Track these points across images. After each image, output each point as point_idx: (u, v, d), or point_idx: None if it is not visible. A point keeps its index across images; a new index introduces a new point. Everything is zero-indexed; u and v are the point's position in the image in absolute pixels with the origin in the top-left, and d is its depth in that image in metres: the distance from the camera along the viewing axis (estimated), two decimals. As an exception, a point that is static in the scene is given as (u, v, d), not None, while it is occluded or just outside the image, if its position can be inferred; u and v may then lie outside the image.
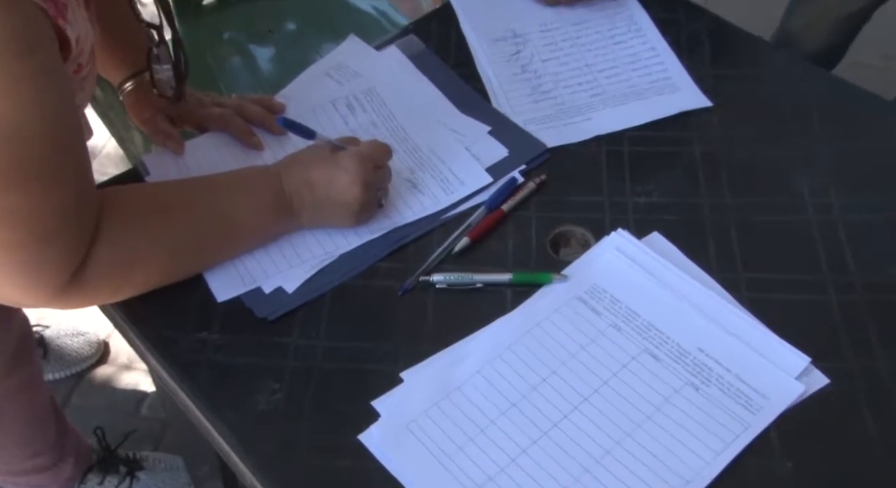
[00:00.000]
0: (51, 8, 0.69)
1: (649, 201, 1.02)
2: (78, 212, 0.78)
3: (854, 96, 1.12)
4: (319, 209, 0.94)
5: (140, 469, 1.53)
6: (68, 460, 1.43)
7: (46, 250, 0.76)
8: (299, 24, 1.67)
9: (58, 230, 0.76)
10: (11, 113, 0.68)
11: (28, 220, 0.74)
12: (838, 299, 0.92)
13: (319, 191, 0.92)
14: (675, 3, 1.24)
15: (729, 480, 0.80)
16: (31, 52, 0.67)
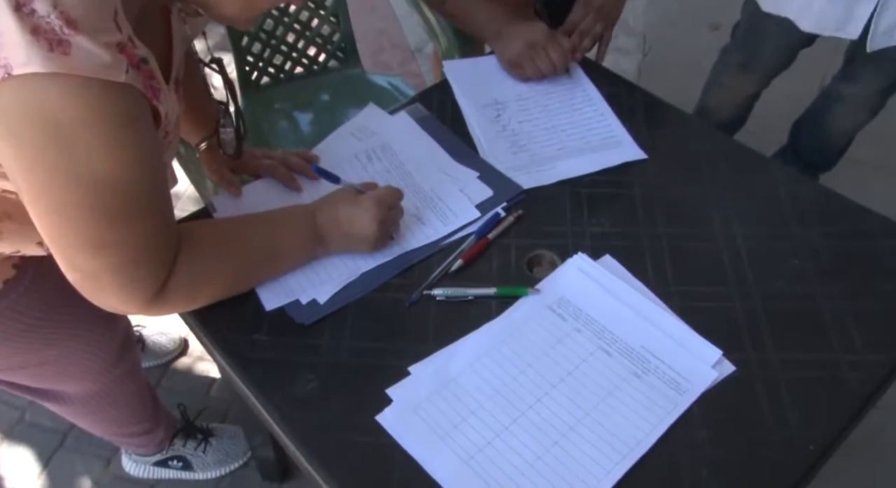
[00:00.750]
0: (148, 91, 0.68)
1: (602, 231, 0.99)
2: (163, 242, 0.76)
3: (747, 154, 1.10)
4: (344, 240, 0.92)
5: (211, 436, 1.50)
6: (160, 427, 1.41)
7: (139, 271, 0.75)
8: (332, 96, 1.63)
9: (148, 256, 0.75)
10: (119, 169, 0.67)
11: (127, 248, 0.73)
12: (741, 306, 0.91)
13: (344, 227, 0.90)
14: (617, 80, 1.22)
15: (662, 446, 0.79)
16: (132, 122, 0.67)
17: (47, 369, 1.05)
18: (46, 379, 1.10)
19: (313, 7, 1.58)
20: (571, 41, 1.19)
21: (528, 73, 1.16)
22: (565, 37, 1.17)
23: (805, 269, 0.95)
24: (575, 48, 1.19)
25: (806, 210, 1.01)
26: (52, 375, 1.08)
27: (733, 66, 1.72)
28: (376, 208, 0.90)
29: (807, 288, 0.93)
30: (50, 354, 1.02)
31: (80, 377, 1.12)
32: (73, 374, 1.10)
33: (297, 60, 1.64)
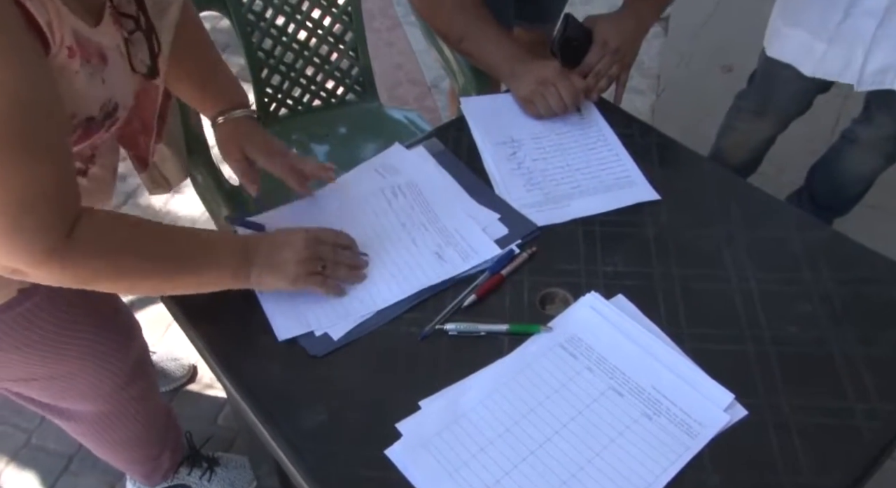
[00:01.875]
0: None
1: (615, 270, 0.99)
2: (55, 192, 0.69)
3: (760, 197, 1.11)
4: (269, 268, 0.88)
5: (217, 465, 1.49)
6: (166, 453, 1.40)
7: (25, 219, 0.68)
8: (349, 128, 1.65)
9: (35, 202, 0.68)
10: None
11: (5, 189, 0.65)
12: (754, 349, 0.91)
13: (271, 254, 0.88)
14: (631, 121, 1.23)
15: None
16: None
17: (57, 384, 1.05)
18: (56, 394, 1.09)
19: (333, 41, 1.61)
20: (587, 82, 1.20)
21: (540, 110, 1.17)
22: (578, 76, 1.19)
23: (817, 314, 0.94)
24: (590, 89, 1.21)
25: (819, 254, 1.01)
26: (62, 390, 1.07)
27: (748, 111, 1.74)
28: (303, 243, 0.88)
29: (819, 333, 0.92)
30: (60, 369, 1.01)
31: (91, 395, 1.11)
32: (83, 392, 1.09)
33: (316, 93, 1.67)
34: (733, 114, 1.79)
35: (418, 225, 1.03)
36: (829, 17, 1.37)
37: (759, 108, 1.70)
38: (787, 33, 1.46)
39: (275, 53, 1.58)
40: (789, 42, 1.46)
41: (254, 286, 0.89)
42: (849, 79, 1.42)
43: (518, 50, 1.20)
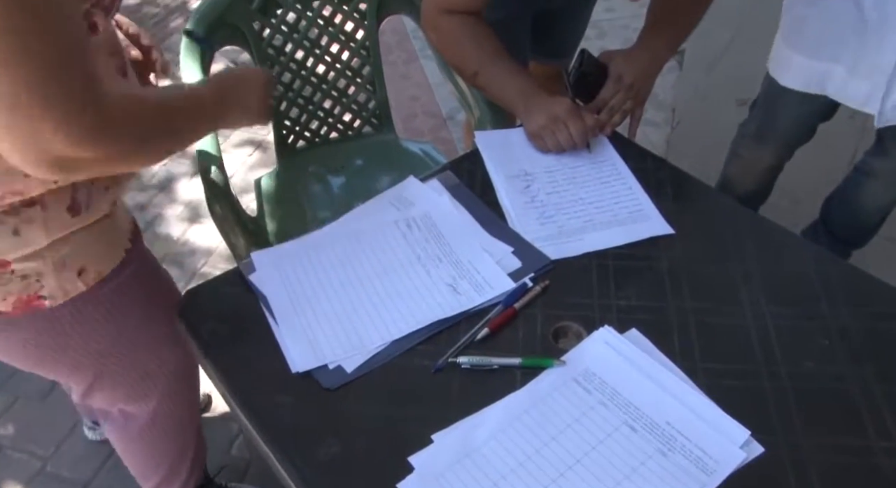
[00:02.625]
0: None
1: (629, 304, 0.99)
2: (80, 58, 0.68)
3: (774, 230, 1.11)
4: (240, 107, 0.97)
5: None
6: (191, 476, 1.39)
7: (53, 85, 0.65)
8: (365, 160, 1.68)
9: (62, 68, 0.66)
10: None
11: (30, 56, 0.64)
12: (770, 385, 0.90)
13: (241, 93, 0.97)
14: (645, 155, 1.24)
15: (692, 533, 0.76)
16: None
17: (132, 362, 1.07)
18: (128, 380, 1.10)
19: (351, 75, 1.64)
20: (601, 117, 1.22)
21: (549, 146, 1.18)
22: (589, 113, 1.20)
23: (835, 350, 0.94)
24: (604, 124, 1.22)
25: (835, 289, 1.01)
26: (135, 371, 1.11)
27: (749, 137, 1.74)
28: (263, 89, 0.96)
29: (837, 369, 0.91)
30: (142, 338, 1.07)
31: (155, 382, 1.15)
32: (152, 374, 1.13)
33: (333, 125, 1.69)
34: (737, 140, 1.80)
35: (433, 257, 1.04)
36: (844, 43, 1.37)
37: (759, 134, 1.71)
38: (801, 63, 1.46)
39: (293, 86, 1.62)
40: (803, 71, 1.47)
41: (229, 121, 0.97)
42: (870, 109, 1.42)
43: (531, 85, 1.21)
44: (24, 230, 0.84)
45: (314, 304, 0.98)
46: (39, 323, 0.94)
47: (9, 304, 0.89)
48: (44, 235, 0.86)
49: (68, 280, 0.92)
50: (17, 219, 0.83)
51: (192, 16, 1.47)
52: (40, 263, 0.88)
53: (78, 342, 0.99)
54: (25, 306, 0.90)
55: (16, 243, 0.85)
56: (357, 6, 1.57)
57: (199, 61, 1.43)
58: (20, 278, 0.88)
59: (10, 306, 0.89)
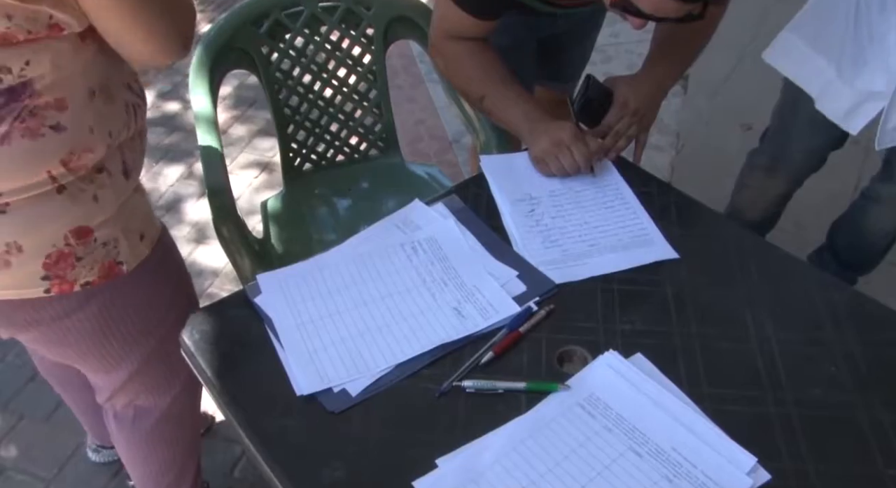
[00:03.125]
0: None
1: (633, 328, 0.99)
2: None
3: (780, 256, 1.11)
4: None
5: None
6: None
7: None
8: (371, 183, 1.69)
9: None
10: None
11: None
12: (776, 411, 0.90)
13: None
14: (649, 179, 1.24)
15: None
16: None
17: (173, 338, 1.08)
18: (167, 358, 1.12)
19: (357, 99, 1.66)
20: (605, 142, 1.23)
21: (553, 170, 1.19)
22: (593, 138, 1.21)
23: (842, 377, 0.93)
24: (608, 148, 1.23)
25: (842, 315, 1.01)
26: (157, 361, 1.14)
27: (760, 168, 1.75)
28: None
29: (844, 396, 0.91)
30: (166, 326, 1.10)
31: (171, 379, 1.18)
32: (171, 370, 1.17)
33: (340, 148, 1.71)
34: (747, 171, 1.81)
35: (438, 281, 1.04)
36: (839, 44, 1.38)
37: (771, 164, 1.71)
38: (798, 46, 1.46)
39: (301, 110, 1.63)
40: (796, 56, 1.47)
41: None
42: (850, 127, 1.42)
43: (536, 110, 1.22)
44: (100, 196, 0.91)
45: (319, 327, 0.98)
46: (117, 288, 0.99)
47: (94, 273, 0.94)
48: (114, 200, 0.93)
49: (135, 244, 0.99)
50: (94, 186, 0.90)
51: (202, 39, 1.49)
52: (115, 229, 0.94)
53: (140, 311, 1.05)
54: (108, 273, 0.96)
55: (96, 210, 0.91)
56: (364, 31, 1.59)
57: (207, 84, 1.45)
58: (102, 245, 0.93)
59: (95, 275, 0.94)
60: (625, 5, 1.04)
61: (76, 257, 0.91)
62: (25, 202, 0.85)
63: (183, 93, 2.85)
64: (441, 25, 1.26)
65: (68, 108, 0.84)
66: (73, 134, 0.86)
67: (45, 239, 0.88)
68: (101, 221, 0.92)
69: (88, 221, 0.91)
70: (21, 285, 0.91)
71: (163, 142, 2.63)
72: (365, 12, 1.56)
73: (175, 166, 2.52)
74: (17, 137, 0.82)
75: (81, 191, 0.89)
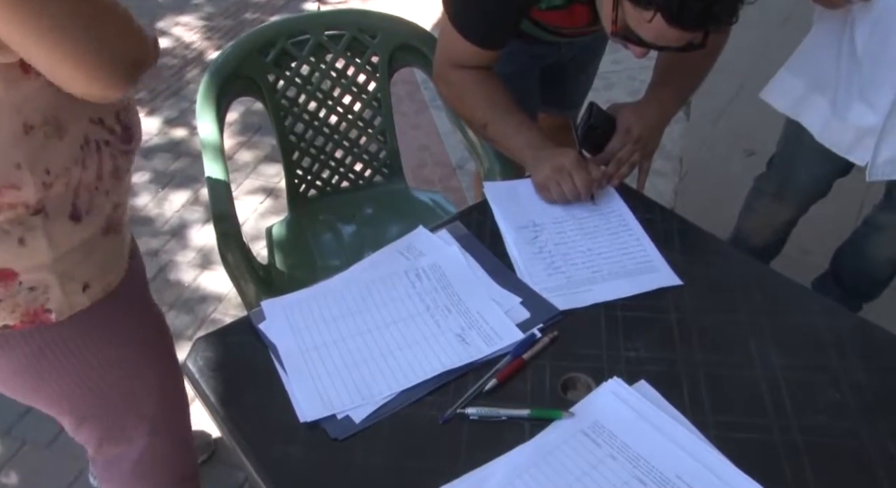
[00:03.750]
0: None
1: (637, 355, 0.99)
2: None
3: (783, 282, 1.11)
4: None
5: None
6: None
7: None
8: (375, 209, 1.70)
9: None
10: None
11: None
12: (781, 439, 0.89)
13: None
14: (652, 206, 1.25)
15: None
16: None
17: (133, 384, 1.07)
18: (125, 403, 1.09)
19: (362, 126, 1.68)
20: (608, 169, 1.24)
21: (554, 197, 1.20)
22: (596, 165, 1.22)
23: (847, 404, 0.93)
24: (611, 175, 1.24)
25: (846, 342, 1.00)
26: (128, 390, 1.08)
27: (767, 194, 1.76)
28: None
29: (850, 424, 0.91)
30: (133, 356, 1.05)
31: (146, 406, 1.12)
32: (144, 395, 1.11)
33: (344, 175, 1.72)
34: (753, 196, 1.81)
35: (441, 307, 1.04)
36: (831, 76, 1.40)
37: (778, 191, 1.72)
38: (788, 79, 1.49)
39: (306, 136, 1.65)
40: (788, 89, 1.49)
41: None
42: (857, 159, 1.43)
43: (539, 137, 1.24)
44: (28, 239, 0.84)
45: (323, 354, 0.98)
46: (45, 337, 0.92)
47: (16, 317, 0.88)
48: (47, 245, 0.85)
49: (73, 292, 0.91)
50: (22, 228, 0.83)
51: (210, 67, 1.51)
52: (46, 274, 0.87)
53: (79, 362, 0.97)
54: (32, 319, 0.89)
55: (21, 253, 0.84)
56: (369, 59, 1.61)
57: (214, 110, 1.47)
58: (28, 290, 0.87)
59: (17, 319, 0.88)
60: (627, 34, 1.05)
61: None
62: None
63: (189, 119, 2.88)
64: (445, 54, 1.28)
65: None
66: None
67: None
68: (29, 265, 0.85)
69: (11, 264, 0.84)
70: None
71: (169, 168, 2.65)
72: (370, 40, 1.59)
73: (181, 192, 2.54)
74: None
75: (5, 233, 0.82)
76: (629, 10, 1.01)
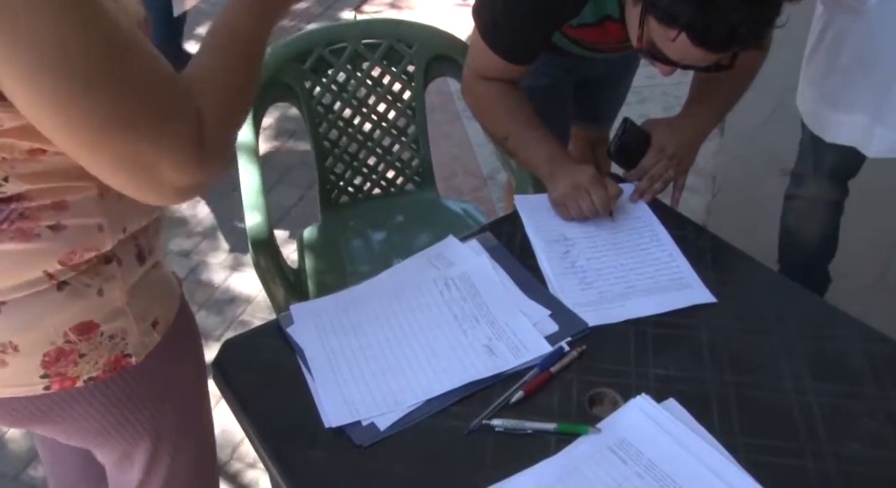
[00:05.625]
0: None
1: (667, 373, 0.98)
2: (165, 92, 0.68)
3: (817, 304, 1.10)
4: None
5: None
6: None
7: (171, 119, 0.67)
8: (406, 217, 1.70)
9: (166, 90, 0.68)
10: (55, 31, 0.60)
11: (132, 113, 0.65)
12: (814, 465, 0.87)
13: None
14: (684, 222, 1.23)
15: None
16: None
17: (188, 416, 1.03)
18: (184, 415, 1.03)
19: (396, 134, 1.68)
20: (640, 184, 1.22)
21: (571, 213, 1.19)
22: (613, 182, 1.20)
23: (884, 432, 0.90)
24: (643, 191, 1.22)
25: (882, 368, 0.98)
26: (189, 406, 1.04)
27: (799, 177, 1.72)
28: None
29: (887, 453, 0.88)
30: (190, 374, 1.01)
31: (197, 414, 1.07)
32: (197, 409, 1.06)
33: (376, 182, 1.73)
34: (789, 187, 1.77)
35: (469, 317, 1.04)
36: (882, 98, 1.38)
37: (808, 172, 1.68)
38: (842, 119, 1.47)
39: (340, 143, 1.66)
40: (845, 128, 1.48)
41: None
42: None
43: (560, 153, 1.23)
44: (107, 289, 0.83)
45: (350, 360, 0.98)
46: (126, 381, 0.90)
47: (100, 368, 0.86)
48: (121, 289, 0.84)
49: (146, 332, 0.89)
50: (100, 279, 0.82)
51: (248, 73, 1.52)
52: (124, 320, 0.86)
53: (153, 397, 0.95)
54: (114, 366, 0.87)
55: (101, 304, 0.83)
56: (405, 68, 1.61)
57: (251, 116, 1.48)
58: (108, 339, 0.85)
59: (101, 369, 0.86)
60: (652, 52, 1.04)
61: (79, 354, 0.83)
62: (21, 300, 0.79)
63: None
64: (473, 65, 1.28)
65: (69, 208, 0.77)
66: (76, 233, 0.78)
67: (42, 337, 0.81)
68: (108, 314, 0.84)
69: (93, 316, 0.83)
70: (20, 383, 0.84)
71: (204, 171, 2.68)
72: (407, 50, 1.59)
73: (214, 194, 2.57)
74: (5, 240, 0.75)
75: (86, 287, 0.81)
76: (655, 28, 1.00)
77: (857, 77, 1.42)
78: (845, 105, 1.46)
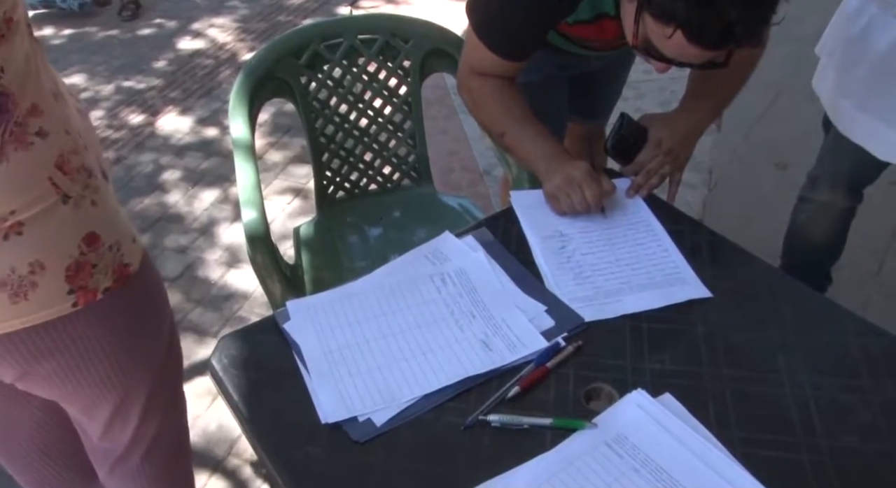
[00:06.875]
0: None
1: (662, 368, 0.98)
2: None
3: (813, 298, 1.09)
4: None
5: None
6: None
7: None
8: (402, 213, 1.70)
9: None
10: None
11: None
12: (809, 458, 0.87)
13: None
14: (681, 217, 1.23)
15: None
16: None
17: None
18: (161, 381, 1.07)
19: (392, 129, 1.68)
20: (637, 179, 1.22)
21: (563, 207, 1.19)
22: (607, 178, 1.20)
23: (879, 425, 0.90)
24: (639, 186, 1.22)
25: (878, 361, 0.98)
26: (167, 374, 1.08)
27: (815, 179, 1.71)
28: None
29: (882, 446, 0.88)
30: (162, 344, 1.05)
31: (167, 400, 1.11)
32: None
33: (373, 178, 1.72)
34: (805, 186, 1.75)
35: (466, 313, 1.04)
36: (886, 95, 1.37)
37: (824, 177, 1.67)
38: (858, 117, 1.46)
39: (336, 139, 1.65)
40: (859, 125, 1.46)
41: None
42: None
43: (554, 148, 1.23)
44: (97, 200, 0.90)
45: (347, 355, 0.98)
46: (131, 291, 0.96)
47: (110, 278, 0.92)
48: (105, 202, 0.91)
49: (133, 243, 0.96)
50: (89, 191, 0.89)
51: (243, 68, 1.52)
52: (116, 231, 0.93)
53: (149, 314, 1.01)
54: (120, 275, 0.93)
55: (97, 214, 0.90)
56: (401, 64, 1.61)
57: (246, 111, 1.48)
58: (108, 249, 0.91)
59: (111, 279, 0.92)
60: (648, 49, 1.04)
61: (92, 265, 0.90)
62: (36, 218, 0.85)
63: (221, 118, 2.91)
64: (468, 62, 1.28)
65: (44, 112, 0.83)
66: (56, 137, 0.85)
67: (62, 252, 0.88)
68: (104, 225, 0.91)
69: (95, 227, 0.90)
70: (49, 304, 0.89)
71: (200, 167, 2.68)
72: (403, 45, 1.59)
73: (211, 190, 2.57)
74: (10, 151, 0.81)
75: (82, 198, 0.88)
76: (650, 25, 1.00)
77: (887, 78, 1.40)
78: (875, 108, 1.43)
